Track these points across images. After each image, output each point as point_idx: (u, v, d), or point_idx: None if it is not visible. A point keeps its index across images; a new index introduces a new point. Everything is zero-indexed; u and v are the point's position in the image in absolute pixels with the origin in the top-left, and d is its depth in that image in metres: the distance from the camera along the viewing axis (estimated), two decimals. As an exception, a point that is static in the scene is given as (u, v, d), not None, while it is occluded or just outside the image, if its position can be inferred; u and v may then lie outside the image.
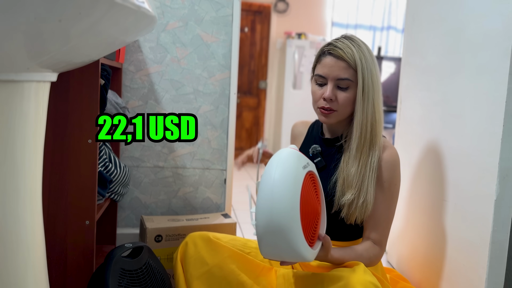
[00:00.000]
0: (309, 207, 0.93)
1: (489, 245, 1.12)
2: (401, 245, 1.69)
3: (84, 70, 1.19)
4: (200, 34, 1.76)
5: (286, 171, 0.90)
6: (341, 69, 1.07)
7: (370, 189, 1.09)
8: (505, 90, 1.08)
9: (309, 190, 0.95)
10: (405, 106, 1.72)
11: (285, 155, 0.94)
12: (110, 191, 1.51)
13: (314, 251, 0.95)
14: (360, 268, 0.98)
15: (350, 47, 1.08)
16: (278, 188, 0.88)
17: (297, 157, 0.95)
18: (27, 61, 0.67)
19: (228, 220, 1.59)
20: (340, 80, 1.08)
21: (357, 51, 1.07)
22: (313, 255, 0.94)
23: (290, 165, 0.91)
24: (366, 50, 1.09)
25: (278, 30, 4.83)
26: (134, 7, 0.68)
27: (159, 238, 1.47)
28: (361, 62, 1.06)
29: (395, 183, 1.13)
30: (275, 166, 0.91)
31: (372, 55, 1.10)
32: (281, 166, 0.91)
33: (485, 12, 1.19)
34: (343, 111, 1.11)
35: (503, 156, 1.10)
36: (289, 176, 0.89)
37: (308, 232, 0.93)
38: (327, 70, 1.10)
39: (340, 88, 1.10)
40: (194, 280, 1.12)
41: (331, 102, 1.10)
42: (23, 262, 0.78)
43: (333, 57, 1.09)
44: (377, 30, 5.03)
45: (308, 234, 0.93)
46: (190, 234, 1.20)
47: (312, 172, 1.00)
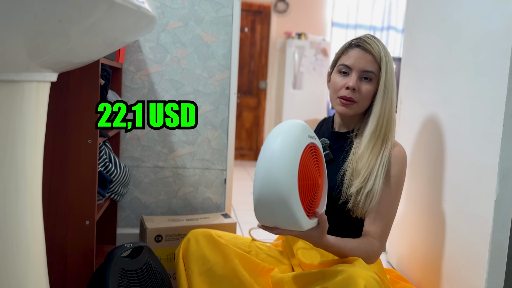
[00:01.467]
0: (308, 174, 0.94)
1: (489, 245, 1.12)
2: (401, 245, 1.69)
3: (84, 70, 1.19)
4: (200, 34, 1.76)
5: (288, 136, 0.92)
6: (368, 62, 1.12)
7: (378, 180, 1.10)
8: (505, 90, 1.08)
9: (310, 159, 0.96)
10: (405, 106, 1.72)
11: (289, 123, 0.96)
12: (110, 191, 1.51)
13: (310, 221, 0.95)
14: (360, 263, 0.99)
15: (377, 44, 1.14)
16: (278, 152, 0.89)
17: (302, 127, 0.97)
18: (27, 61, 0.67)
19: (228, 220, 1.59)
20: (365, 72, 1.13)
21: (383, 49, 1.13)
22: (308, 225, 0.94)
23: (293, 132, 0.93)
24: (387, 50, 1.15)
25: (278, 30, 4.83)
26: (134, 7, 0.68)
27: (159, 238, 1.47)
28: (385, 59, 1.12)
29: (401, 180, 1.15)
30: (278, 131, 0.94)
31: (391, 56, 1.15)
32: (284, 131, 0.93)
33: (485, 12, 1.19)
34: (362, 103, 1.15)
35: (503, 156, 1.10)
36: (291, 141, 0.91)
37: (306, 200, 0.94)
38: (353, 61, 1.14)
39: (363, 80, 1.14)
40: (195, 277, 1.12)
41: (353, 93, 1.13)
42: (23, 262, 0.78)
43: (361, 49, 1.14)
44: (377, 30, 5.03)
45: (306, 202, 0.93)
46: (192, 230, 1.20)
47: (315, 145, 1.00)
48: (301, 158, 0.92)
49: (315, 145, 0.99)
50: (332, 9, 4.93)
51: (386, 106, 1.13)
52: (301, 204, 0.91)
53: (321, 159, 1.03)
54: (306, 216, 0.93)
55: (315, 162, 0.99)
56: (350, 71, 1.14)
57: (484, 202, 1.15)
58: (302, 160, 0.92)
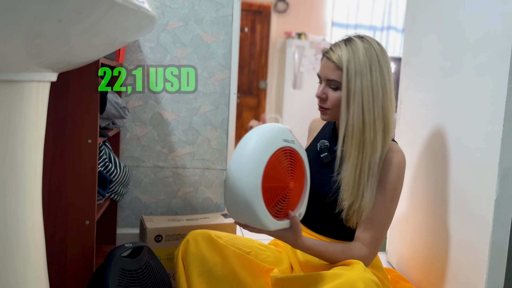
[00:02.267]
0: (276, 177, 0.96)
1: (489, 245, 1.12)
2: (401, 245, 1.69)
3: (84, 70, 1.19)
4: (200, 34, 1.76)
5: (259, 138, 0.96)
6: (330, 70, 1.10)
7: (366, 194, 1.07)
8: (505, 90, 1.08)
9: (280, 162, 0.98)
10: (405, 106, 1.72)
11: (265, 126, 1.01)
12: (110, 191, 1.51)
13: (277, 221, 0.98)
14: (360, 266, 0.97)
15: (341, 49, 1.09)
16: (246, 154, 0.94)
17: (278, 131, 0.99)
18: (27, 61, 0.67)
19: (228, 220, 1.59)
20: (329, 80, 1.11)
21: (347, 54, 1.08)
22: (275, 225, 0.97)
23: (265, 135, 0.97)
24: (364, 53, 1.08)
25: (278, 30, 4.83)
26: (134, 7, 0.68)
27: (159, 238, 1.47)
28: (347, 65, 1.07)
29: (396, 186, 1.11)
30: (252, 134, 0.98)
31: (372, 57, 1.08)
32: (257, 134, 0.97)
33: (485, 12, 1.19)
34: (335, 110, 1.12)
35: (503, 156, 1.10)
36: (260, 144, 0.95)
37: (273, 202, 0.96)
38: (320, 71, 1.14)
39: (331, 88, 1.12)
40: (195, 277, 1.12)
41: (323, 101, 1.13)
42: (23, 262, 0.78)
43: (325, 58, 1.12)
44: (377, 30, 5.03)
45: (272, 204, 0.96)
46: (191, 231, 1.20)
47: (291, 149, 1.01)
48: (269, 160, 0.94)
49: (291, 149, 1.01)
50: (332, 9, 4.93)
51: (354, 113, 1.07)
52: (264, 204, 0.93)
53: (298, 163, 1.04)
54: (271, 216, 0.95)
55: (289, 165, 1.00)
56: (321, 80, 1.14)
57: (484, 202, 1.15)
58: (270, 163, 0.94)
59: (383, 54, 1.10)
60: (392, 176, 1.10)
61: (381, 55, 1.09)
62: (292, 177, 1.01)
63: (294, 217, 1.01)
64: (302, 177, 1.06)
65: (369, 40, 1.10)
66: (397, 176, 1.10)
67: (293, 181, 1.01)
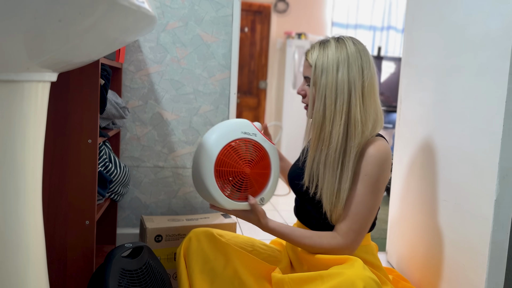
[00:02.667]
0: (230, 163, 1.13)
1: (489, 245, 1.12)
2: (401, 245, 1.69)
3: (84, 70, 1.19)
4: (200, 34, 1.76)
5: (219, 129, 1.16)
6: (306, 68, 1.18)
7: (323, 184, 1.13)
8: (505, 90, 1.08)
9: (236, 150, 1.14)
10: (405, 106, 1.72)
11: (230, 120, 1.22)
12: (110, 191, 1.51)
13: (234, 202, 1.14)
14: (359, 264, 0.98)
15: (314, 49, 1.17)
16: (205, 141, 1.14)
17: (239, 125, 1.18)
18: (27, 61, 0.67)
19: (228, 220, 1.59)
20: (305, 78, 1.19)
21: (317, 52, 1.15)
22: (230, 205, 1.14)
23: (225, 127, 1.17)
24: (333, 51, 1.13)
25: (278, 30, 4.83)
26: (134, 7, 0.68)
27: (159, 238, 1.47)
28: (315, 63, 1.14)
29: (377, 178, 1.10)
30: (217, 125, 1.19)
31: (341, 56, 1.12)
32: (219, 126, 1.18)
33: (485, 12, 1.19)
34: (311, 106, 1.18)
35: (503, 156, 1.10)
36: (218, 134, 1.14)
37: (227, 184, 1.14)
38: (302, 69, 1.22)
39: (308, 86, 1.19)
40: (196, 275, 1.12)
41: (304, 98, 1.21)
42: (23, 262, 0.78)
43: (304, 57, 1.20)
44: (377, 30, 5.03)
45: (227, 186, 1.14)
46: (193, 229, 1.21)
47: (251, 140, 1.17)
48: (224, 147, 1.12)
49: (250, 140, 1.17)
50: (332, 9, 4.93)
51: (319, 108, 1.13)
52: (217, 185, 1.12)
53: (259, 153, 1.18)
54: (225, 196, 1.13)
55: (247, 154, 1.16)
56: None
57: (484, 202, 1.15)
58: (224, 149, 1.12)
59: (358, 53, 1.13)
60: (371, 168, 1.10)
61: (353, 54, 1.12)
62: (249, 164, 1.15)
63: (251, 201, 1.14)
64: (264, 166, 1.19)
65: (345, 40, 1.15)
66: (378, 169, 1.09)
67: (249, 168, 1.15)
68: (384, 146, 1.11)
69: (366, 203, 1.10)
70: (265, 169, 1.19)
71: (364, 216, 1.10)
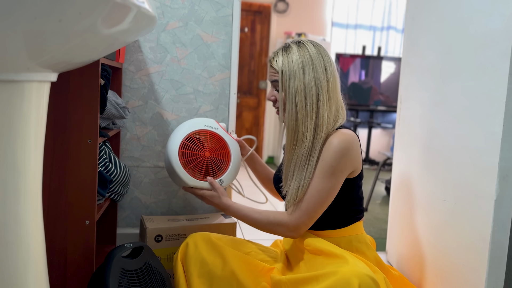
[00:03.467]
0: (192, 147, 1.38)
1: (489, 245, 1.12)
2: (401, 245, 1.69)
3: (84, 70, 1.19)
4: (200, 34, 1.76)
5: (187, 122, 1.43)
6: (271, 73, 1.23)
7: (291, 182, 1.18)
8: (505, 90, 1.08)
9: (199, 138, 1.40)
10: (405, 106, 1.72)
11: (197, 118, 1.48)
12: (110, 191, 1.51)
13: (196, 180, 1.36)
14: (353, 259, 1.00)
15: (278, 55, 1.21)
16: (175, 131, 1.42)
17: (204, 120, 1.44)
18: (27, 61, 0.67)
19: (228, 220, 1.59)
20: (273, 82, 1.23)
21: (282, 58, 1.19)
22: (193, 182, 1.35)
23: (192, 121, 1.43)
24: (297, 56, 1.18)
25: (278, 30, 4.83)
26: (134, 7, 0.68)
27: (159, 238, 1.47)
28: (282, 68, 1.18)
29: (331, 164, 1.13)
30: (186, 121, 1.46)
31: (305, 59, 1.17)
32: (188, 121, 1.44)
33: (485, 12, 1.19)
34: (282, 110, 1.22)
35: (503, 156, 1.10)
36: (185, 125, 1.42)
37: (189, 164, 1.36)
38: (267, 76, 1.27)
39: (277, 90, 1.23)
40: (194, 279, 1.12)
41: (274, 103, 1.25)
42: (23, 262, 0.78)
43: (269, 64, 1.25)
44: (377, 30, 5.03)
45: (189, 165, 1.36)
46: (191, 234, 1.21)
47: (213, 132, 1.42)
48: (188, 135, 1.38)
49: (212, 132, 1.42)
50: (332, 9, 4.93)
51: (288, 111, 1.18)
52: (181, 164, 1.35)
53: (220, 143, 1.42)
54: (188, 174, 1.35)
55: (208, 141, 1.40)
56: None
57: (484, 202, 1.15)
58: (188, 136, 1.38)
59: (319, 54, 1.19)
60: (327, 155, 1.14)
61: (315, 56, 1.18)
62: (209, 150, 1.40)
63: (210, 180, 1.34)
64: (224, 154, 1.42)
65: (305, 43, 1.20)
66: (334, 155, 1.13)
67: (209, 153, 1.40)
68: (345, 135, 1.15)
69: (316, 186, 1.14)
70: (224, 157, 1.42)
71: (313, 198, 1.15)
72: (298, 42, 1.21)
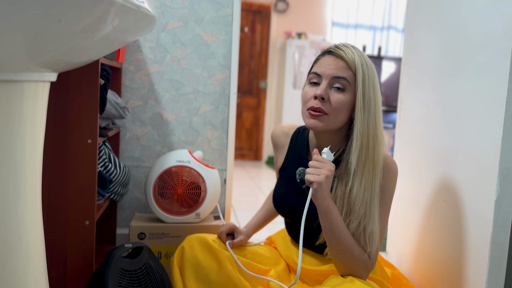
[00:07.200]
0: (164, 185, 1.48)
1: (489, 245, 1.12)
2: (401, 245, 1.69)
3: (84, 70, 1.19)
4: (200, 34, 1.76)
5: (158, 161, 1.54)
6: (339, 68, 0.98)
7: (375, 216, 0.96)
8: (505, 90, 1.08)
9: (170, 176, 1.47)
10: (405, 106, 1.72)
11: (170, 153, 1.55)
12: (110, 191, 1.51)
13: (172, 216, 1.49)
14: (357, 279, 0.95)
15: (352, 50, 1.00)
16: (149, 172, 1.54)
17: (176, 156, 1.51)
18: (27, 61, 0.67)
19: (217, 222, 1.58)
20: (336, 78, 0.98)
21: (358, 55, 0.99)
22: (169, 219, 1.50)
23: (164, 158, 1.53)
24: (369, 61, 1.02)
25: (278, 30, 4.83)
26: (134, 7, 0.68)
27: (142, 235, 1.50)
28: (361, 67, 0.98)
29: (391, 193, 1.04)
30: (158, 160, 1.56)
31: (374, 69, 1.01)
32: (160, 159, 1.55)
33: (485, 12, 1.19)
34: (334, 116, 0.99)
35: (503, 156, 1.10)
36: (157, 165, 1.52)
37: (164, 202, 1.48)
38: (323, 68, 1.00)
39: (334, 89, 0.99)
40: (192, 284, 1.11)
41: (323, 102, 0.98)
42: (23, 262, 0.78)
43: (332, 55, 1.01)
44: (377, 30, 5.03)
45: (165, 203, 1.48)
46: (187, 237, 1.20)
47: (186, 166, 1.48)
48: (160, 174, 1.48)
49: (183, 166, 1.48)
50: (332, 9, 4.93)
51: (369, 122, 0.96)
52: (156, 204, 1.49)
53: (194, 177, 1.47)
54: (163, 212, 1.48)
55: (179, 177, 1.48)
56: (320, 80, 1.00)
57: (484, 202, 1.15)
58: (160, 175, 1.48)
59: None
60: (391, 185, 1.04)
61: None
62: (181, 186, 1.47)
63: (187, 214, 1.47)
64: (196, 187, 1.47)
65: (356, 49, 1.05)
66: (394, 185, 1.06)
67: (181, 189, 1.47)
68: (394, 161, 1.06)
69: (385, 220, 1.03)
70: (198, 189, 1.48)
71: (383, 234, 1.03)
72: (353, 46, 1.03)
